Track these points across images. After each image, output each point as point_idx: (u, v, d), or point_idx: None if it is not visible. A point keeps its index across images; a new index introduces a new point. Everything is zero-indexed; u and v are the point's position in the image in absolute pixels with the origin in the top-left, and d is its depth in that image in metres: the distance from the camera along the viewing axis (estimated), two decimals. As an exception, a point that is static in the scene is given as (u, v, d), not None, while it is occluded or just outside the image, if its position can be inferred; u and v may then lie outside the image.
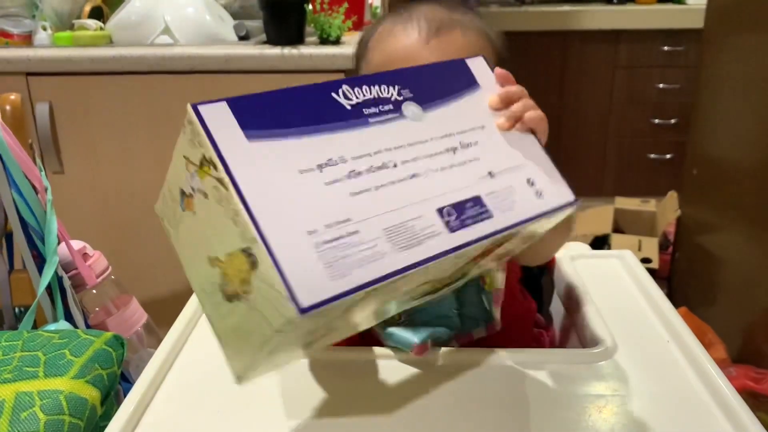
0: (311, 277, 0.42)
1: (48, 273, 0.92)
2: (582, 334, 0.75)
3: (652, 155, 3.23)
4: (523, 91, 0.60)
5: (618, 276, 0.87)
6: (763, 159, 1.56)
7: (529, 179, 0.57)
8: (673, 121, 3.17)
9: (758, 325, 1.60)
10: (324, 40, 1.63)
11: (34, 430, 0.64)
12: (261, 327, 0.45)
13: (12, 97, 1.01)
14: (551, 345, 0.83)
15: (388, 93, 0.54)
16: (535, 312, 0.80)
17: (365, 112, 0.52)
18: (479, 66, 0.62)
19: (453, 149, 0.55)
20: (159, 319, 1.11)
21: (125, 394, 0.64)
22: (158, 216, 0.54)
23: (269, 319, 0.44)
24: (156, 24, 1.71)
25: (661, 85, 3.14)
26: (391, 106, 0.54)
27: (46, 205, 0.94)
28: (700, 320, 1.72)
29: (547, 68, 3.18)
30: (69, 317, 0.94)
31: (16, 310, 0.97)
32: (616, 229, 2.43)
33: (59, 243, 0.96)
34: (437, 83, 0.58)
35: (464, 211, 0.52)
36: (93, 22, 1.72)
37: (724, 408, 0.59)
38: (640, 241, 2.26)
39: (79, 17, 1.76)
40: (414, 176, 0.51)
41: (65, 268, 0.98)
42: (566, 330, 0.82)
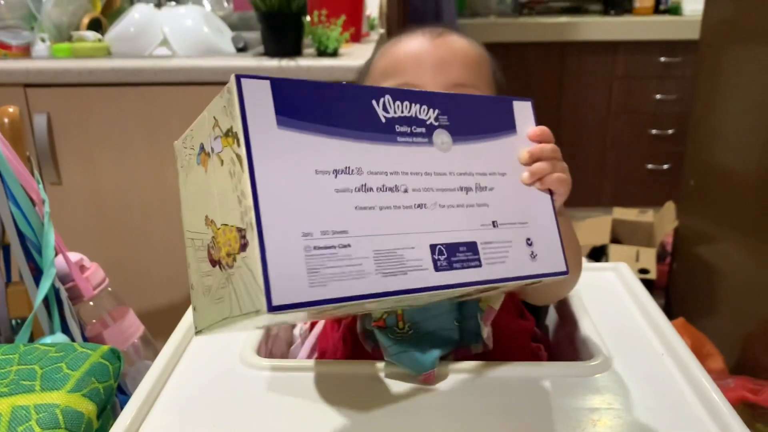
0: (291, 279, 0.43)
1: (45, 285, 0.92)
2: (577, 347, 0.75)
3: (649, 166, 3.24)
4: (556, 150, 0.61)
5: (613, 288, 0.88)
6: (761, 169, 1.56)
7: (528, 239, 0.57)
8: (670, 131, 3.18)
9: (756, 336, 1.60)
10: (321, 53, 1.64)
11: (30, 443, 0.64)
12: (232, 302, 0.46)
13: (11, 110, 1.01)
14: (549, 359, 0.83)
15: (426, 115, 0.54)
16: (533, 328, 0.81)
17: (397, 129, 0.52)
18: (523, 110, 0.61)
19: (467, 189, 0.55)
20: (156, 331, 1.11)
21: (122, 407, 0.64)
22: (174, 151, 0.54)
23: (240, 302, 0.45)
24: (154, 36, 1.72)
25: (658, 96, 3.16)
26: (424, 130, 0.54)
27: (43, 218, 0.95)
28: (697, 331, 1.71)
29: (545, 79, 3.20)
30: (66, 329, 0.94)
31: (13, 322, 0.97)
32: (614, 240, 2.43)
33: (56, 255, 0.96)
34: (476, 117, 0.58)
35: (456, 253, 0.52)
36: (91, 34, 1.73)
37: (718, 422, 0.59)
38: (637, 251, 2.26)
39: (77, 29, 1.77)
40: (420, 206, 0.51)
41: (62, 280, 0.98)
42: (561, 342, 0.82)
